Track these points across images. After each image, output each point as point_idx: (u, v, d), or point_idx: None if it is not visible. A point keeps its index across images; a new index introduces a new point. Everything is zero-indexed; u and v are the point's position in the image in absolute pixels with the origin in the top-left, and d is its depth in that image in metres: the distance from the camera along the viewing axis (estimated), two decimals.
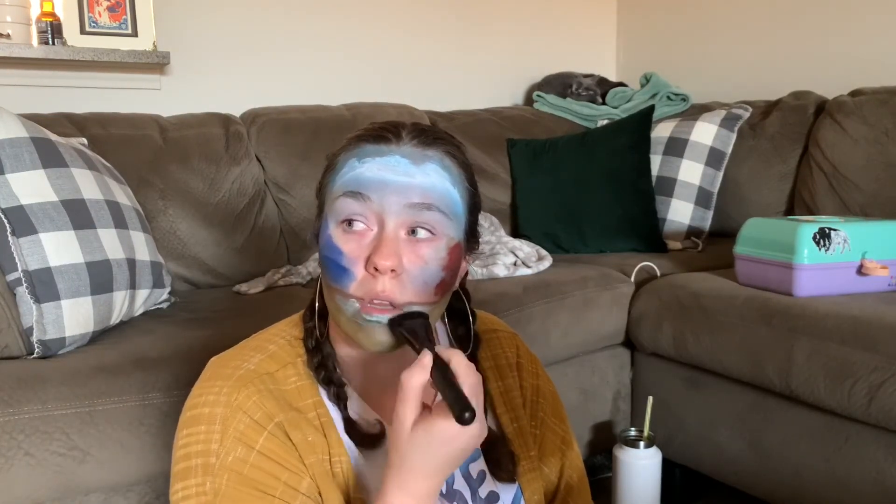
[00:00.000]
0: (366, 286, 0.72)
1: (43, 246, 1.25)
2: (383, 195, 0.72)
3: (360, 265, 0.72)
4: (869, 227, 1.50)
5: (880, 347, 1.27)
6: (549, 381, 0.96)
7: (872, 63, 2.22)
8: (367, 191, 0.72)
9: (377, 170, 0.73)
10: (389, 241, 0.71)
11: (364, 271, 0.72)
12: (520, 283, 1.67)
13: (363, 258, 0.72)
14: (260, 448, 0.72)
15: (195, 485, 0.71)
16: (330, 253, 0.73)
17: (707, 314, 1.56)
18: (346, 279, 0.72)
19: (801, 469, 1.43)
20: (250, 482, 0.71)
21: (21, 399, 1.08)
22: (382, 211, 0.72)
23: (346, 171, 0.74)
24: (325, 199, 0.76)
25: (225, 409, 0.72)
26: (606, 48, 3.00)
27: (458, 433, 0.66)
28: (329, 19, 2.33)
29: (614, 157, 2.17)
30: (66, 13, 1.85)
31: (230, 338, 0.90)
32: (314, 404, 0.77)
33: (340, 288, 0.73)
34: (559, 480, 0.92)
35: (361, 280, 0.72)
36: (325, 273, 0.75)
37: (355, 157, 0.74)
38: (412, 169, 0.73)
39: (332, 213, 0.74)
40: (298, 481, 0.72)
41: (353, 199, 0.72)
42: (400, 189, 0.72)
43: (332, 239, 0.73)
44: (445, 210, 0.74)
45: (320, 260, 0.76)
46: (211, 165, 1.86)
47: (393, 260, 0.70)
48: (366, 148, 0.74)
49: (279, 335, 0.82)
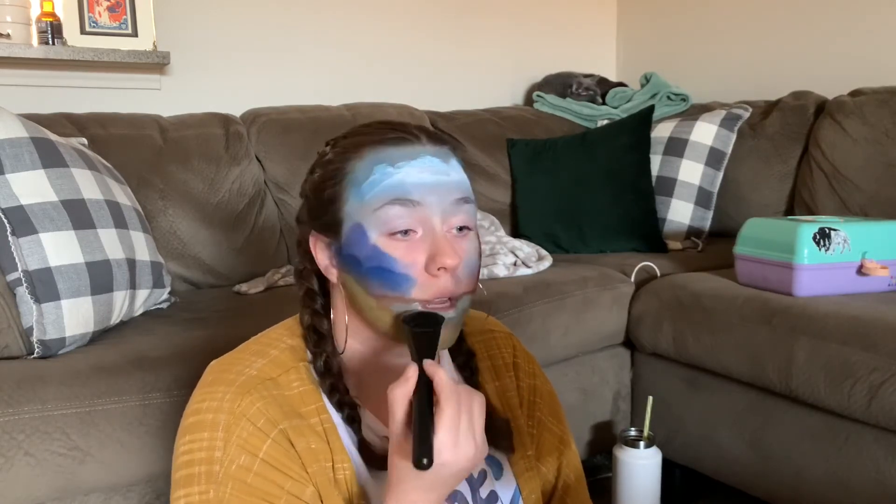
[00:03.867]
0: (428, 288, 0.72)
1: (43, 246, 1.25)
2: (428, 197, 0.73)
3: (417, 268, 0.72)
4: (869, 227, 1.50)
5: (880, 347, 1.27)
6: (547, 381, 0.96)
7: (872, 63, 2.22)
8: (415, 195, 0.72)
9: (417, 173, 0.73)
10: (447, 241, 0.73)
11: (425, 274, 0.72)
12: (520, 283, 1.67)
13: (420, 262, 0.72)
14: (263, 456, 0.72)
15: (198, 492, 0.71)
16: (381, 263, 0.72)
17: (707, 314, 1.56)
18: (406, 285, 0.72)
19: (801, 469, 1.43)
20: (254, 491, 0.70)
21: (21, 399, 1.07)
22: (429, 212, 0.73)
23: (381, 178, 0.72)
24: (351, 209, 0.74)
25: (228, 417, 0.72)
26: (606, 48, 3.01)
27: (450, 460, 0.64)
28: (329, 19, 2.33)
29: (614, 157, 2.17)
30: (66, 13, 1.85)
31: (230, 338, 0.90)
32: (317, 410, 0.77)
33: (400, 295, 0.72)
34: (557, 480, 0.92)
35: (422, 283, 0.72)
36: (372, 283, 0.73)
37: (385, 163, 0.73)
38: (444, 166, 0.75)
39: (375, 222, 0.72)
40: (302, 490, 0.72)
41: (401, 205, 0.72)
42: (441, 188, 0.73)
43: (381, 248, 0.72)
44: (473, 202, 0.76)
45: (359, 272, 0.73)
46: (211, 165, 1.86)
47: (456, 258, 0.72)
48: (391, 151, 0.73)
49: (280, 339, 0.81)
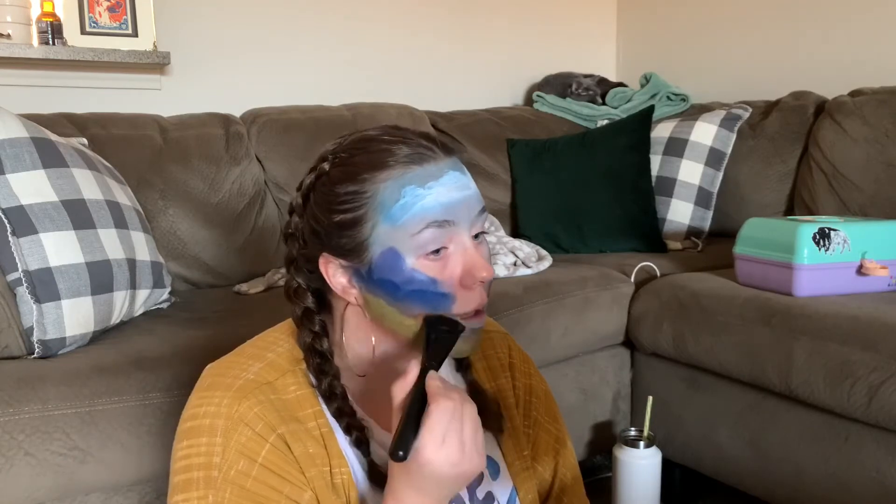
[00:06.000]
0: (465, 302, 0.73)
1: (43, 246, 1.25)
2: (459, 214, 0.73)
3: (454, 285, 0.73)
4: (869, 227, 1.50)
5: (880, 347, 1.27)
6: (543, 381, 0.96)
7: (872, 63, 2.22)
8: (450, 216, 0.72)
9: (447, 192, 0.72)
10: (479, 254, 0.74)
11: (461, 289, 0.73)
12: (520, 283, 1.67)
13: (455, 277, 0.73)
14: (262, 461, 0.72)
15: (197, 497, 0.71)
16: (420, 286, 0.72)
17: (707, 314, 1.56)
18: (446, 303, 0.73)
19: (801, 469, 1.43)
20: (253, 496, 0.70)
21: (21, 399, 1.08)
22: (460, 228, 0.73)
23: (413, 201, 0.71)
24: (382, 233, 0.72)
25: (226, 422, 0.72)
26: (606, 48, 3.01)
27: (431, 460, 0.65)
28: (329, 19, 2.33)
29: (614, 157, 2.17)
30: (66, 13, 1.85)
31: (230, 338, 0.90)
32: (314, 414, 0.76)
33: (442, 313, 0.73)
34: (553, 479, 0.92)
35: (461, 298, 0.73)
36: (412, 306, 0.73)
37: (413, 185, 0.71)
38: (465, 179, 0.75)
39: (412, 246, 0.71)
40: (300, 494, 0.72)
41: (438, 227, 0.72)
42: (468, 203, 0.74)
43: (421, 271, 0.72)
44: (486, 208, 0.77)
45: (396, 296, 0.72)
46: (211, 165, 1.86)
47: (491, 270, 0.74)
48: (415, 171, 0.72)
49: (276, 342, 0.80)
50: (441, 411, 0.65)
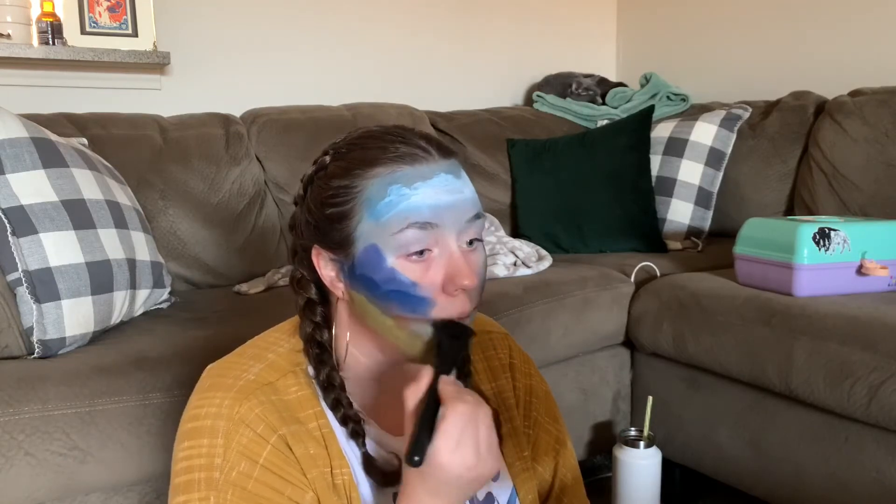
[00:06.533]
0: (445, 308, 0.72)
1: (43, 246, 1.25)
2: (446, 218, 0.72)
3: (435, 290, 0.72)
4: (869, 227, 1.50)
5: (880, 347, 1.27)
6: (543, 381, 0.96)
7: (872, 63, 2.22)
8: (433, 218, 0.71)
9: (434, 194, 0.71)
10: (464, 261, 0.72)
11: (443, 294, 0.72)
12: (520, 283, 1.67)
13: (437, 282, 0.72)
14: (264, 462, 0.71)
15: (198, 499, 0.70)
16: (399, 287, 0.71)
17: (707, 314, 1.56)
18: (424, 307, 0.72)
19: (801, 469, 1.43)
20: (255, 497, 0.70)
21: (21, 399, 1.08)
22: (445, 231, 0.72)
23: (397, 200, 0.70)
24: (366, 230, 0.72)
25: (227, 423, 0.72)
26: (606, 48, 3.01)
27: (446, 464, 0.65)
28: (329, 19, 2.33)
29: (614, 157, 2.17)
30: (66, 13, 1.85)
31: (230, 338, 0.90)
32: (315, 415, 0.76)
33: (419, 317, 0.72)
34: (553, 480, 0.92)
35: (441, 304, 0.72)
36: (390, 305, 0.72)
37: (400, 184, 0.71)
38: (458, 183, 0.74)
39: (393, 244, 0.71)
40: (302, 495, 0.72)
41: (420, 229, 0.71)
42: (457, 208, 0.73)
43: (399, 271, 0.71)
44: (484, 215, 0.76)
45: (375, 294, 0.72)
46: (211, 165, 1.86)
47: (474, 279, 0.72)
48: (405, 170, 0.71)
49: (277, 343, 0.80)
50: (456, 415, 0.65)
